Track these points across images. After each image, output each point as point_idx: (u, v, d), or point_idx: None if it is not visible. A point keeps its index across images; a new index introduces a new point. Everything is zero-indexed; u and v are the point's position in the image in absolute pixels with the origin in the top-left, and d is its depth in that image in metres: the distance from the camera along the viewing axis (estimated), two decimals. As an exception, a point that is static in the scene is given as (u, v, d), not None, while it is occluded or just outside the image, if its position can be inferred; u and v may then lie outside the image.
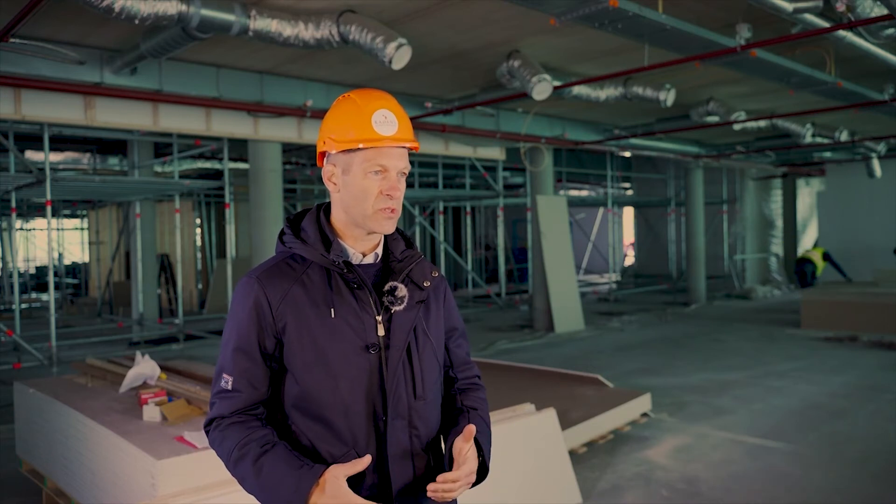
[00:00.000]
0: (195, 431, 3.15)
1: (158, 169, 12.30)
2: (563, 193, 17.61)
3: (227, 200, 9.60)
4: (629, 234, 22.56)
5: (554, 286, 10.95)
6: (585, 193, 21.18)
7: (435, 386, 1.64)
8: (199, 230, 16.22)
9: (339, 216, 1.59)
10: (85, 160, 12.11)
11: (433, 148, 10.02)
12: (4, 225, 17.00)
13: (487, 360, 7.55)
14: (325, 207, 1.64)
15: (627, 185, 20.81)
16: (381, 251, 1.62)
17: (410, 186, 13.23)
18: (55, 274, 13.70)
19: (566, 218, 11.70)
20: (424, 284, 1.61)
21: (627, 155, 14.55)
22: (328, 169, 1.57)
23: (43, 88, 6.37)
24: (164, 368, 4.31)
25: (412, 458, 1.56)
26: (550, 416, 4.20)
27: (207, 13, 5.10)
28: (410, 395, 1.56)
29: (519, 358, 8.52)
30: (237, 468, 1.48)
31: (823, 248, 14.70)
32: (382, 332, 1.54)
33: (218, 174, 13.21)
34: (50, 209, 8.41)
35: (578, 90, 7.85)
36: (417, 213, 15.00)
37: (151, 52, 5.99)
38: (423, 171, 15.06)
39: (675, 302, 14.73)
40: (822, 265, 13.91)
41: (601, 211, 21.67)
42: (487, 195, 14.05)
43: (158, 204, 14.57)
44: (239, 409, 1.52)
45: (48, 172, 7.98)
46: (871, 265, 14.36)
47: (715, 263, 16.86)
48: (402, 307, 1.56)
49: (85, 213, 19.15)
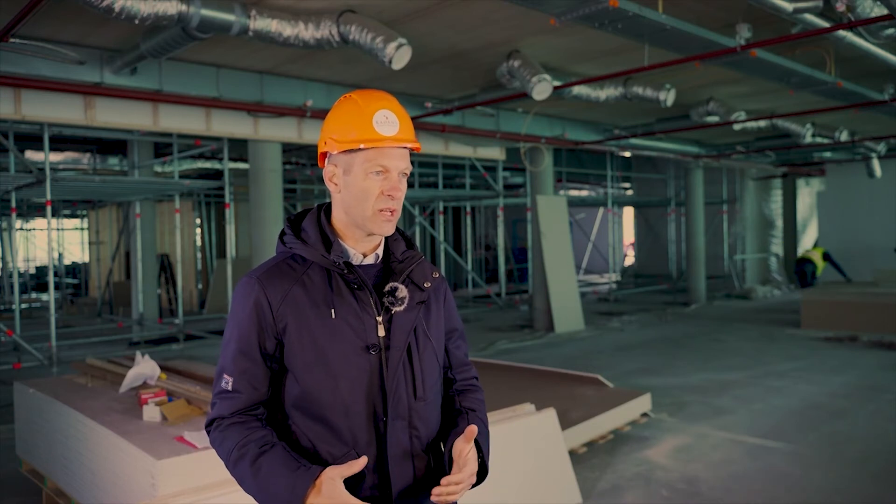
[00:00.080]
0: (195, 431, 3.15)
1: (158, 169, 12.30)
2: (563, 193, 17.61)
3: (227, 200, 9.61)
4: (629, 234, 22.56)
5: (554, 286, 10.95)
6: (585, 193, 21.18)
7: (435, 387, 1.64)
8: (199, 230, 16.22)
9: (339, 217, 1.59)
10: (85, 160, 12.11)
11: (433, 148, 10.03)
12: (4, 225, 17.00)
13: (487, 360, 7.55)
14: (325, 208, 1.64)
15: (627, 185, 20.81)
16: (381, 252, 1.62)
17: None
18: (55, 274, 13.70)
19: (566, 218, 11.70)
20: (425, 285, 1.61)
21: (627, 155, 14.55)
22: (329, 169, 1.57)
23: (43, 88, 6.37)
24: (164, 368, 4.31)
25: (412, 458, 1.56)
26: (550, 416, 4.20)
27: (207, 13, 5.11)
28: (411, 395, 1.56)
29: (519, 358, 8.52)
30: (236, 468, 1.49)
31: (823, 248, 14.70)
32: (383, 332, 1.54)
33: (218, 174, 13.21)
34: (50, 209, 8.42)
35: (578, 90, 7.85)
36: (417, 213, 15.00)
37: (151, 52, 6.00)
38: (423, 171, 15.06)
39: (675, 302, 14.73)
40: (822, 265, 13.91)
41: (601, 211, 21.67)
42: (487, 195, 14.05)
43: (158, 204, 14.57)
44: (239, 409, 1.52)
45: (48, 172, 7.98)
46: (871, 265, 14.36)
47: (715, 263, 16.86)
48: (402, 308, 1.56)
49: (85, 213, 19.16)
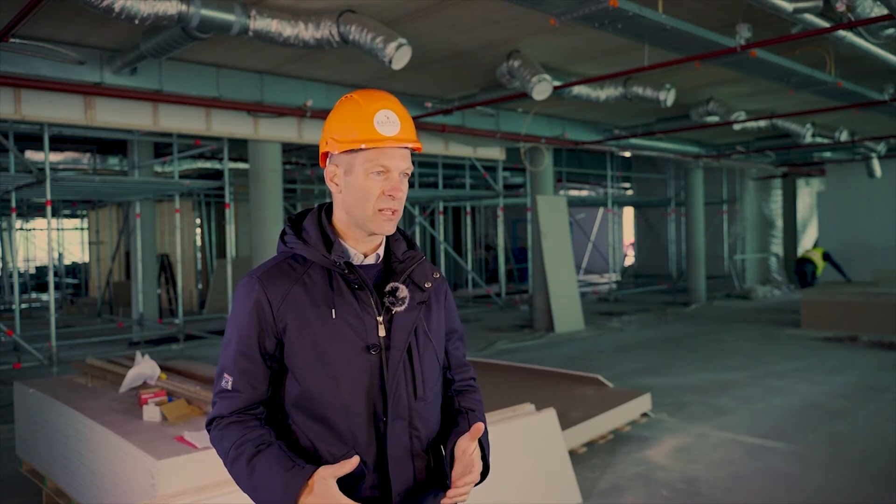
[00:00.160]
0: (195, 431, 3.15)
1: (158, 169, 12.30)
2: (563, 193, 17.61)
3: (227, 200, 9.60)
4: (629, 234, 22.56)
5: (554, 286, 10.95)
6: (585, 193, 21.18)
7: (435, 387, 1.64)
8: (199, 230, 16.22)
9: (340, 217, 1.58)
10: (85, 160, 12.11)
11: (433, 148, 10.03)
12: (4, 225, 17.00)
13: (487, 360, 7.55)
14: (326, 208, 1.63)
15: (627, 185, 20.81)
16: (382, 252, 1.62)
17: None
18: (55, 274, 13.71)
19: (566, 218, 11.70)
20: (426, 285, 1.61)
21: (627, 155, 14.55)
22: (330, 169, 1.57)
23: (43, 88, 6.36)
24: (164, 368, 4.31)
25: (412, 458, 1.56)
26: (550, 416, 4.20)
27: (207, 13, 5.11)
28: (411, 395, 1.56)
29: (519, 358, 8.52)
30: (233, 467, 1.49)
31: (823, 248, 14.70)
32: (383, 332, 1.54)
33: (218, 174, 13.21)
34: (50, 209, 8.42)
35: (578, 90, 7.85)
36: (417, 213, 15.00)
37: (151, 52, 6.00)
38: (423, 171, 15.06)
39: (675, 302, 14.73)
40: (822, 265, 13.90)
41: (601, 211, 21.68)
42: (487, 195, 14.04)
43: (158, 204, 14.57)
44: (238, 408, 1.52)
45: (48, 172, 7.98)
46: (871, 265, 14.36)
47: (715, 263, 16.86)
48: (403, 308, 1.55)
49: (85, 213, 19.16)
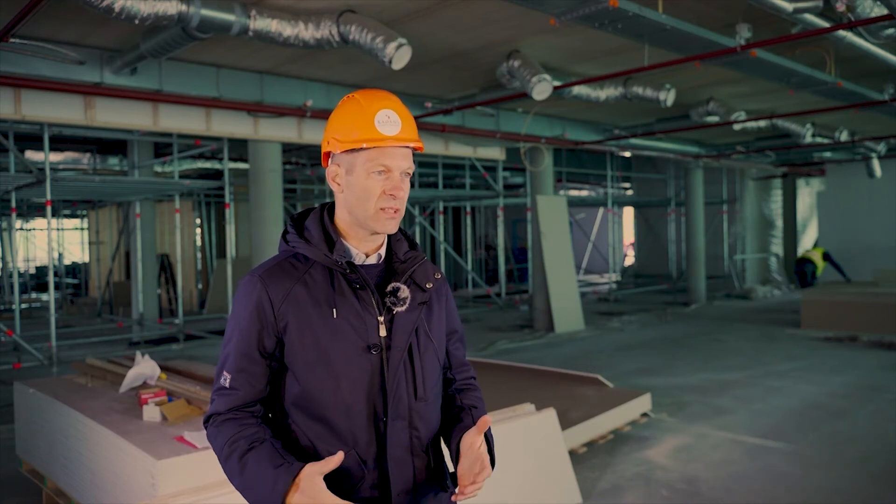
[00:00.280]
0: (195, 431, 3.15)
1: (158, 169, 12.30)
2: (563, 193, 17.61)
3: (227, 200, 9.60)
4: (629, 234, 22.56)
5: (554, 286, 10.95)
6: (585, 193, 21.18)
7: (436, 387, 1.64)
8: (199, 230, 16.22)
9: (342, 216, 1.59)
10: (85, 160, 12.11)
11: (433, 148, 10.03)
12: (4, 225, 17.00)
13: (487, 360, 7.55)
14: (329, 207, 1.64)
15: (627, 185, 20.81)
16: (384, 252, 1.62)
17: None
18: (55, 274, 13.70)
19: (566, 218, 11.70)
20: (427, 286, 1.61)
21: (627, 155, 14.55)
22: (332, 169, 1.57)
23: (43, 88, 6.36)
24: (164, 368, 4.31)
25: (412, 458, 1.56)
26: (550, 416, 4.19)
27: (207, 13, 5.11)
28: (411, 395, 1.56)
29: (519, 358, 8.52)
30: (226, 464, 1.48)
31: (823, 248, 14.69)
32: (384, 332, 1.54)
33: (218, 174, 13.21)
34: (50, 209, 8.41)
35: (578, 90, 7.85)
36: (417, 213, 15.00)
37: (151, 52, 6.00)
38: (423, 171, 15.06)
39: (675, 302, 14.73)
40: (822, 265, 13.90)
41: (601, 211, 21.68)
42: (487, 195, 14.04)
43: (158, 204, 14.57)
44: (235, 406, 1.52)
45: (48, 172, 7.98)
46: (871, 265, 14.36)
47: (715, 263, 16.86)
48: (404, 308, 1.56)
49: (85, 213, 19.16)
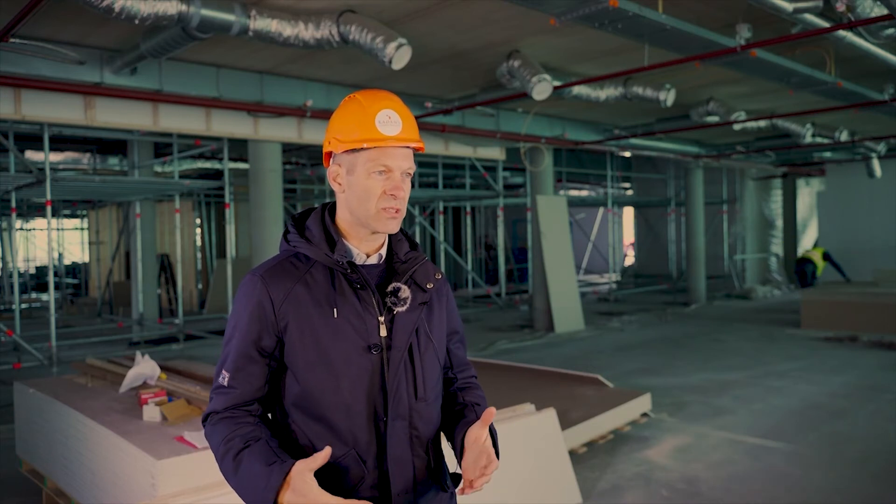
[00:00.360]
0: (195, 431, 3.15)
1: (158, 169, 12.30)
2: (563, 193, 17.61)
3: (227, 200, 9.61)
4: (629, 234, 22.56)
5: (554, 286, 10.95)
6: (585, 193, 21.18)
7: (436, 387, 1.64)
8: (199, 230, 16.22)
9: (343, 216, 1.59)
10: (85, 160, 12.11)
11: (433, 148, 10.03)
12: (4, 225, 17.00)
13: (487, 360, 7.55)
14: (330, 207, 1.64)
15: (627, 185, 20.81)
16: (385, 252, 1.62)
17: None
18: (55, 274, 13.70)
19: (566, 218, 11.70)
20: (427, 286, 1.61)
21: (627, 155, 14.55)
22: (333, 169, 1.57)
23: (43, 88, 6.36)
24: (164, 368, 4.31)
25: (412, 458, 1.56)
26: (550, 416, 4.19)
27: (207, 13, 5.11)
28: (411, 395, 1.56)
29: (519, 358, 8.52)
30: (222, 463, 1.48)
31: (823, 248, 14.69)
32: (385, 332, 1.54)
33: (218, 174, 13.21)
34: (50, 209, 8.42)
35: (578, 90, 7.85)
36: (417, 213, 15.00)
37: (151, 52, 6.00)
38: (423, 171, 15.06)
39: (675, 302, 14.73)
40: (822, 265, 13.89)
41: (601, 211, 21.68)
42: (487, 195, 14.05)
43: (158, 204, 14.57)
44: (232, 404, 1.51)
45: (48, 172, 7.98)
46: (871, 265, 14.36)
47: (715, 263, 16.87)
48: (404, 308, 1.56)
49: (85, 213, 19.15)
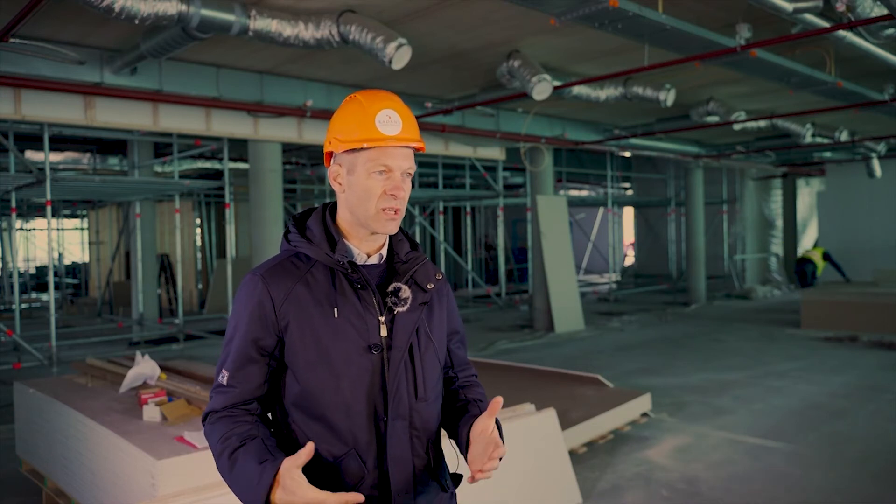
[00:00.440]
0: (195, 431, 3.15)
1: (158, 169, 12.30)
2: (563, 193, 17.61)
3: (227, 200, 9.61)
4: (629, 234, 22.56)
5: (554, 286, 10.95)
6: (585, 193, 21.18)
7: (436, 387, 1.64)
8: (199, 230, 16.22)
9: (344, 216, 1.59)
10: (85, 160, 12.11)
11: (433, 148, 10.03)
12: (4, 225, 17.00)
13: (487, 360, 7.55)
14: (330, 207, 1.64)
15: (627, 185, 20.81)
16: (385, 252, 1.62)
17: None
18: (55, 274, 13.71)
19: (566, 218, 11.70)
20: (428, 286, 1.61)
21: (627, 155, 14.55)
22: (334, 169, 1.57)
23: (43, 88, 6.36)
24: (164, 368, 4.31)
25: (412, 458, 1.56)
26: (550, 416, 4.19)
27: (207, 13, 5.11)
28: (412, 395, 1.56)
29: (519, 358, 8.52)
30: (219, 461, 1.48)
31: (823, 248, 14.68)
32: (385, 332, 1.54)
33: (218, 174, 13.21)
34: (50, 209, 8.41)
35: (578, 90, 7.85)
36: (417, 213, 15.00)
37: (151, 52, 6.00)
38: (423, 171, 15.06)
39: (675, 302, 14.73)
40: (822, 265, 13.89)
41: (601, 211, 21.68)
42: (487, 195, 14.05)
43: (158, 204, 14.57)
44: (231, 403, 1.52)
45: (48, 172, 7.98)
46: (871, 265, 14.36)
47: (715, 263, 16.86)
48: (405, 308, 1.56)
49: (85, 213, 19.15)
